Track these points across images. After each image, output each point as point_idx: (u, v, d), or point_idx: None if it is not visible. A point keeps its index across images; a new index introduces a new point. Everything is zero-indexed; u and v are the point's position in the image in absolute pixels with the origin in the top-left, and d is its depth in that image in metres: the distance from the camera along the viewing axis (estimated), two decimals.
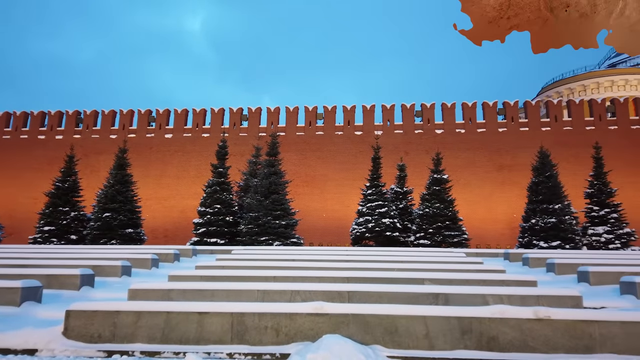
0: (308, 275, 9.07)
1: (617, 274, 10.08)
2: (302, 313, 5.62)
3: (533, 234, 20.32)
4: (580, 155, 28.24)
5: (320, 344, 4.86)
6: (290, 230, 21.31)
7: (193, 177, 33.12)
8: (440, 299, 7.42)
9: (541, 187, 20.98)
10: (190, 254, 15.37)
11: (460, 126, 32.97)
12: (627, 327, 5.79)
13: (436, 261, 12.35)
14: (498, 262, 14.00)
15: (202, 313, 5.65)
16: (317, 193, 32.60)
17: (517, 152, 30.93)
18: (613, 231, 20.40)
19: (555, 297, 7.45)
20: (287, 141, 32.39)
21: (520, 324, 5.79)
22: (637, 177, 29.32)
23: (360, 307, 5.79)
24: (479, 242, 27.65)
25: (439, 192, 22.01)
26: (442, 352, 5.56)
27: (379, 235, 21.46)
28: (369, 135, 32.43)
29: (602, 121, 31.74)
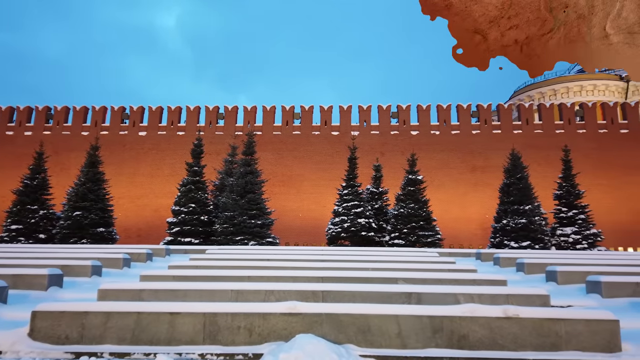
0: (283, 275, 9.05)
1: (583, 273, 10.38)
2: (275, 313, 5.61)
3: (504, 234, 20.77)
4: (550, 157, 29.01)
5: (293, 343, 4.86)
6: (266, 230, 21.23)
7: (167, 175, 32.64)
8: (413, 298, 7.50)
9: (512, 188, 21.46)
10: (163, 253, 15.15)
11: (435, 128, 33.44)
12: (591, 325, 5.96)
13: (410, 261, 12.50)
14: (470, 262, 14.25)
15: (173, 313, 5.58)
16: (294, 193, 32.57)
17: (490, 154, 31.56)
18: (580, 232, 21.03)
19: (524, 296, 7.63)
20: (263, 140, 32.26)
21: (489, 323, 5.90)
22: (603, 179, 30.30)
23: (333, 307, 5.81)
24: (452, 242, 28.11)
25: (414, 192, 22.28)
26: (414, 351, 5.63)
27: (354, 235, 21.58)
28: (345, 136, 32.58)
29: (571, 125, 32.67)
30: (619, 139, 32.10)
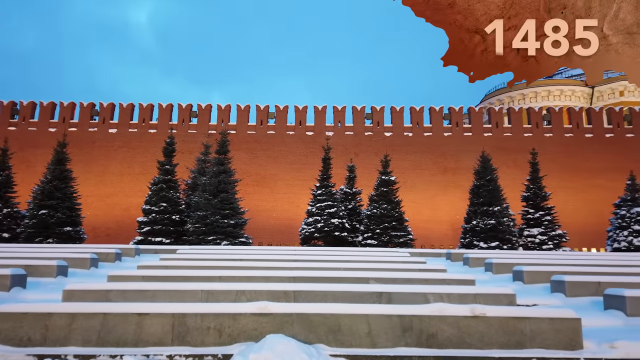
0: (254, 275, 9.01)
1: (548, 273, 10.67)
2: (246, 313, 5.58)
3: (474, 235, 21.19)
4: (519, 160, 29.75)
5: (264, 343, 4.85)
6: (239, 230, 21.08)
7: (138, 174, 32.02)
8: (384, 297, 7.58)
9: (482, 190, 21.92)
10: (133, 253, 14.85)
11: (408, 129, 33.86)
12: (555, 323, 6.13)
13: (381, 261, 12.62)
14: (440, 262, 14.48)
15: (141, 314, 5.49)
16: (267, 192, 32.43)
17: (461, 156, 32.16)
18: (546, 233, 21.65)
19: (491, 295, 7.80)
20: (237, 140, 32.00)
21: (457, 321, 6.01)
22: (569, 182, 31.28)
23: (304, 307, 5.82)
24: (423, 242, 28.51)
25: (387, 193, 22.50)
26: (384, 350, 5.69)
27: (327, 235, 21.64)
28: (320, 136, 32.64)
29: (538, 128, 33.62)
30: (583, 143, 33.21)
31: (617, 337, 6.15)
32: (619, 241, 21.62)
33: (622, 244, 21.40)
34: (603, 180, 30.79)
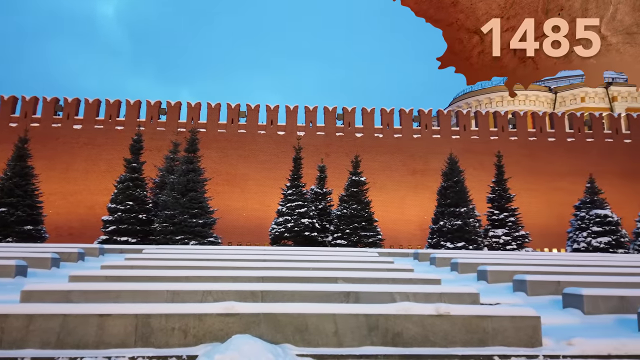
0: (222, 275, 8.92)
1: (511, 272, 10.97)
2: (212, 313, 5.52)
3: (441, 235, 21.60)
4: (485, 162, 30.46)
5: (229, 344, 4.81)
6: (208, 230, 20.83)
7: (104, 171, 31.19)
8: (351, 297, 7.63)
9: (449, 191, 22.37)
10: (97, 253, 14.46)
11: (379, 131, 34.20)
12: (515, 321, 6.31)
13: (350, 261, 12.71)
14: (408, 262, 14.69)
15: (103, 315, 5.35)
16: (238, 192, 32.15)
17: (429, 158, 32.71)
18: (510, 233, 22.27)
19: (456, 294, 7.97)
20: (207, 138, 31.59)
21: (422, 320, 6.11)
22: (532, 184, 32.26)
23: (271, 307, 5.81)
24: (392, 242, 28.85)
25: (357, 193, 22.67)
26: (350, 349, 5.73)
27: (297, 235, 21.63)
28: (291, 136, 32.58)
29: (504, 132, 34.54)
30: (546, 146, 34.32)
31: (574, 335, 6.38)
32: (579, 242, 22.44)
33: (582, 244, 22.22)
34: (564, 183, 31.89)
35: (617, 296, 8.21)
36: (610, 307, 8.12)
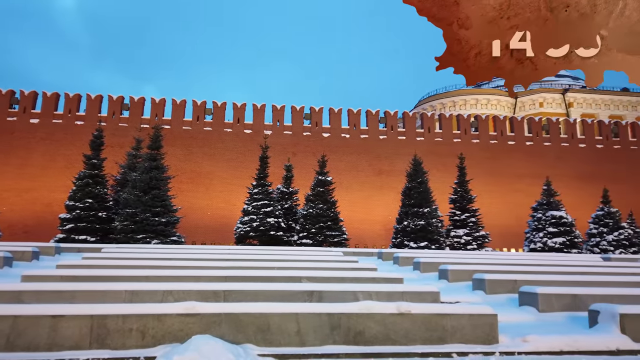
0: (184, 274, 8.77)
1: (471, 271, 11.25)
2: (171, 314, 5.41)
3: (405, 235, 21.93)
4: (448, 164, 31.14)
5: (189, 345, 4.73)
6: (171, 228, 20.42)
7: (62, 168, 30.07)
8: (315, 296, 7.65)
9: (413, 192, 22.74)
10: (53, 252, 13.94)
11: (346, 131, 34.43)
12: (473, 319, 6.47)
13: (315, 260, 12.73)
14: (372, 261, 14.84)
15: (56, 316, 5.15)
16: (203, 190, 31.68)
17: (395, 159, 33.18)
18: (471, 234, 22.85)
19: (417, 293, 8.11)
20: (172, 135, 30.97)
21: (384, 319, 6.18)
22: (492, 186, 33.23)
23: (233, 306, 5.75)
24: (357, 242, 29.10)
25: (323, 193, 22.73)
26: (312, 348, 5.74)
27: (263, 234, 21.50)
28: (258, 134, 32.36)
29: (466, 135, 35.43)
30: (507, 150, 35.42)
31: (529, 332, 6.59)
32: (535, 242, 23.27)
33: (538, 244, 23.05)
34: (523, 185, 33.00)
35: (569, 294, 8.55)
36: (563, 304, 8.45)
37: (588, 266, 13.07)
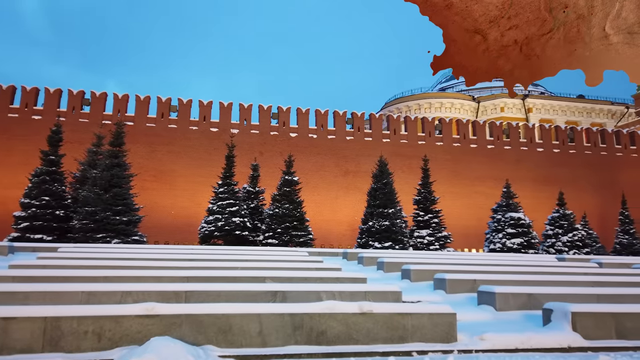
0: (145, 275, 8.57)
1: (432, 271, 11.50)
2: (129, 315, 5.28)
3: (369, 235, 22.17)
4: (413, 165, 31.72)
5: (147, 347, 4.63)
6: (133, 227, 19.91)
7: (18, 163, 28.79)
8: (279, 296, 7.64)
9: (379, 192, 23.02)
10: (5, 251, 13.36)
11: (313, 131, 34.48)
12: (433, 318, 6.62)
13: (280, 260, 12.71)
14: (337, 261, 14.94)
15: (7, 318, 4.95)
16: (167, 189, 31.03)
17: (361, 160, 33.50)
18: (434, 234, 23.34)
19: (380, 292, 8.22)
20: (135, 132, 30.20)
21: (346, 318, 6.24)
22: (455, 188, 34.04)
23: (194, 307, 5.67)
24: (323, 242, 29.20)
25: (290, 193, 22.70)
26: (274, 349, 5.74)
27: (228, 234, 21.27)
28: (224, 133, 31.95)
29: (431, 137, 36.15)
30: (469, 153, 36.34)
31: (486, 330, 6.79)
32: (495, 243, 23.98)
33: (497, 245, 23.76)
34: (484, 187, 33.96)
35: (525, 293, 8.86)
36: (519, 303, 8.75)
37: (543, 266, 13.58)
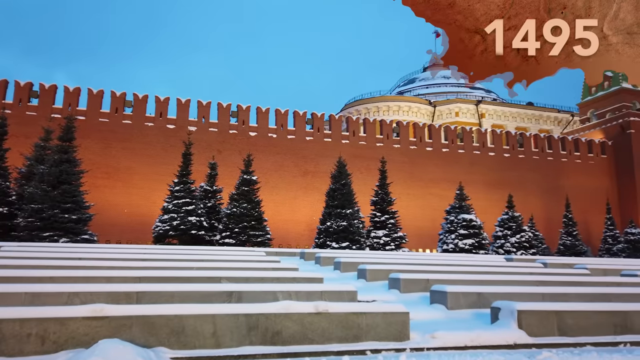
0: (94, 275, 8.27)
1: (387, 271, 11.68)
2: (76, 317, 5.08)
3: (327, 236, 22.33)
4: (371, 167, 32.16)
5: (94, 350, 4.48)
6: (83, 226, 19.21)
7: None
8: (234, 296, 7.56)
9: (337, 193, 23.24)
10: None
11: (273, 131, 34.36)
12: (387, 317, 6.72)
13: (236, 260, 12.58)
14: (294, 261, 14.93)
15: None
16: (120, 186, 30.07)
17: (320, 160, 33.67)
18: (390, 235, 23.79)
19: (336, 292, 8.29)
20: (87, 127, 29.07)
21: (302, 318, 6.24)
22: (411, 189, 34.84)
23: (145, 308, 5.52)
24: (281, 242, 29.13)
25: (248, 192, 22.53)
26: (228, 350, 5.67)
27: (183, 233, 20.87)
28: (182, 130, 31.26)
29: (388, 139, 36.83)
30: (424, 155, 37.29)
31: (438, 328, 6.98)
32: (448, 243, 24.70)
33: (450, 245, 24.49)
34: (438, 189, 34.93)
35: (475, 292, 9.16)
36: (469, 302, 9.04)
37: (492, 266, 14.09)
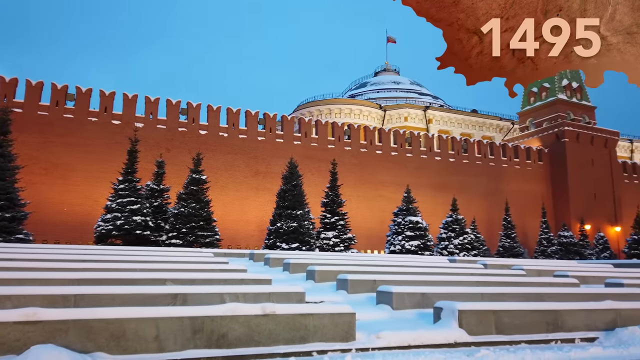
0: (29, 277, 7.84)
1: (335, 272, 11.79)
2: (6, 322, 4.79)
3: (277, 237, 22.27)
4: (322, 168, 32.39)
5: (26, 356, 4.25)
6: (17, 225, 18.19)
7: None
8: (179, 299, 7.39)
9: (288, 194, 23.23)
10: None
11: (224, 130, 33.86)
12: (334, 318, 6.81)
13: (183, 261, 12.30)
14: (243, 262, 14.78)
15: None
16: (60, 184, 28.59)
17: (272, 161, 33.54)
18: (339, 236, 24.06)
19: (284, 293, 8.30)
20: (24, 120, 27.45)
21: (248, 320, 6.21)
22: (360, 191, 35.41)
23: (83, 312, 5.30)
24: (230, 242, 28.73)
25: (197, 192, 22.07)
26: (171, 354, 5.55)
27: (128, 233, 20.15)
28: (128, 126, 30.18)
29: (340, 142, 37.26)
30: (374, 158, 38.01)
31: (383, 328, 7.14)
32: (395, 245, 25.30)
33: (397, 247, 25.09)
34: (387, 192, 35.70)
35: (419, 293, 9.44)
36: (414, 302, 9.29)
37: (436, 267, 14.57)
